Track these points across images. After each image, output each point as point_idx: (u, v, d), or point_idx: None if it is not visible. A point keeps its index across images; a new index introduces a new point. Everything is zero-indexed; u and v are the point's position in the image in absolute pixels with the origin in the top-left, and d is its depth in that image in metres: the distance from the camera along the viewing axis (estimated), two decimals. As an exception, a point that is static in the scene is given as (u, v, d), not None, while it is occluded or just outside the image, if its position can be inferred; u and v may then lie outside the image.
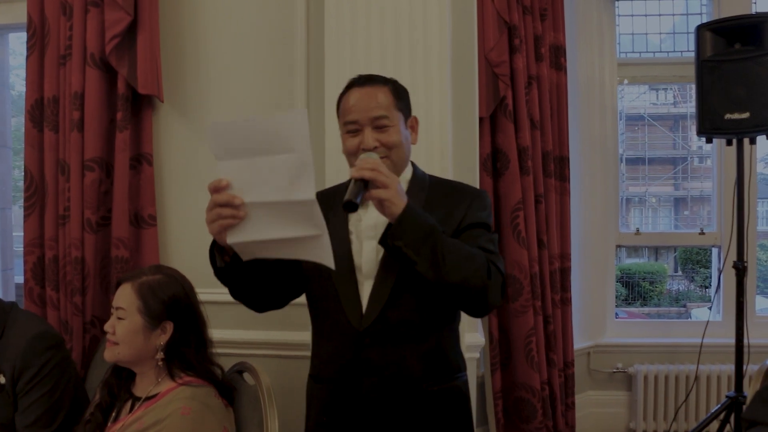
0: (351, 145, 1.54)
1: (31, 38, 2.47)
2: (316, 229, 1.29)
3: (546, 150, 2.93)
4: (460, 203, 1.58)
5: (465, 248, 1.43)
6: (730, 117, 2.70)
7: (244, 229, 1.33)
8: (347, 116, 1.55)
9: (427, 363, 1.53)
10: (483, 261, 1.43)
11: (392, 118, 1.54)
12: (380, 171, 1.36)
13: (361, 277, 1.53)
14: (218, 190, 1.33)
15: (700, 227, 3.48)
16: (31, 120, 2.48)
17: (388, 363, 1.50)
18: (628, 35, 3.65)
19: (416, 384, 1.52)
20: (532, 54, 2.89)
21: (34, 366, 1.81)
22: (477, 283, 1.40)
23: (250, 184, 1.30)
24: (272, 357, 2.28)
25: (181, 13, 2.54)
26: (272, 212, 1.30)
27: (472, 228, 1.55)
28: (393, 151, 1.53)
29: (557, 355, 2.95)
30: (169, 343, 1.65)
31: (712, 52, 2.75)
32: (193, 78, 2.54)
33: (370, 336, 1.50)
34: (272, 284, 1.58)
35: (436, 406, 1.54)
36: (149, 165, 2.47)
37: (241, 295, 1.58)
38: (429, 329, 1.54)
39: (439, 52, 2.18)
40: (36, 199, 2.48)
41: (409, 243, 1.36)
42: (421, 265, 1.37)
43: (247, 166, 1.29)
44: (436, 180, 1.67)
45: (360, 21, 2.17)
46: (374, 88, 1.56)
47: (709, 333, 3.07)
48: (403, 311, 1.51)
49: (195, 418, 1.54)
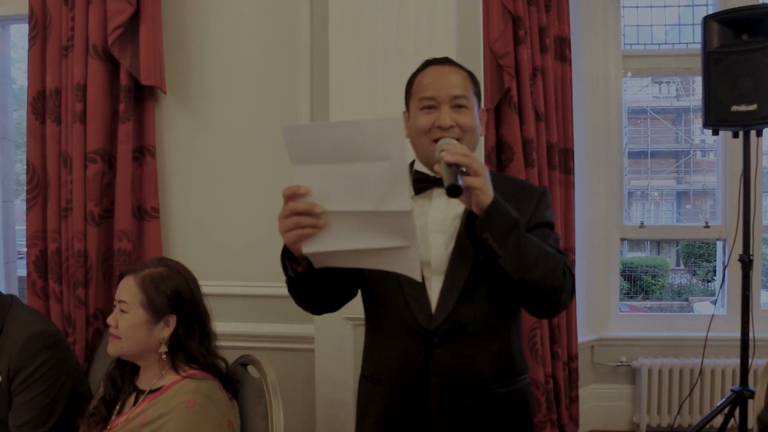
0: (425, 122, 1.45)
1: (33, 29, 2.45)
2: (406, 240, 1.21)
3: (551, 142, 2.92)
4: (528, 201, 1.52)
5: (544, 246, 1.37)
6: (737, 109, 2.68)
7: (323, 239, 1.24)
8: (424, 92, 1.47)
9: (496, 364, 1.48)
10: (560, 261, 1.38)
11: (470, 100, 1.47)
12: (473, 157, 1.28)
13: (429, 272, 1.46)
14: (296, 197, 1.22)
15: (703, 221, 3.47)
16: (34, 112, 2.47)
17: (458, 363, 1.44)
18: (633, 27, 3.63)
19: (485, 385, 1.46)
20: (536, 45, 2.86)
21: (29, 366, 1.80)
22: (554, 282, 1.35)
23: (333, 192, 1.21)
24: (277, 350, 2.28)
25: (184, 4, 2.52)
26: (357, 222, 1.22)
27: (540, 227, 1.49)
28: (467, 134, 1.45)
29: (561, 349, 2.94)
30: (173, 337, 1.63)
31: (719, 44, 2.73)
32: (196, 69, 2.52)
33: (440, 335, 1.44)
34: (336, 287, 1.50)
35: (503, 408, 1.49)
36: (152, 157, 2.46)
37: (306, 302, 1.50)
38: (499, 328, 1.49)
39: (443, 43, 2.16)
40: (38, 191, 2.47)
41: (496, 235, 1.28)
42: (505, 259, 1.30)
43: (330, 172, 1.20)
44: (497, 175, 1.57)
45: (364, 11, 2.16)
46: (453, 68, 1.50)
47: (714, 327, 3.06)
48: (474, 309, 1.45)
49: (199, 411, 1.52)
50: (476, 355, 1.45)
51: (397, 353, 1.48)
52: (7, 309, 1.91)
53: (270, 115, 2.50)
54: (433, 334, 1.43)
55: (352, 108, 2.14)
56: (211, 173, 2.52)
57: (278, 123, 2.48)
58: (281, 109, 2.48)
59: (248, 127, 2.51)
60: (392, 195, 1.17)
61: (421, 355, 1.44)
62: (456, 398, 1.44)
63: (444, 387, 1.43)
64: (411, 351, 1.45)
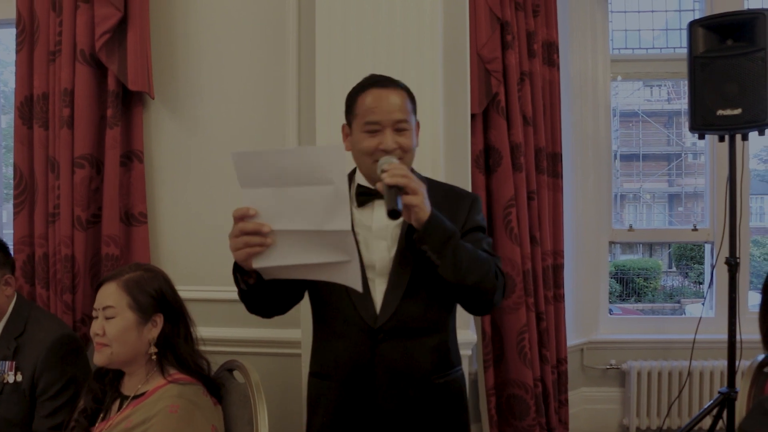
0: (368, 144, 1.55)
1: (21, 34, 2.45)
2: (347, 255, 1.34)
3: (539, 146, 2.93)
4: (460, 207, 1.64)
5: (478, 252, 1.51)
6: (723, 113, 2.70)
7: (271, 255, 1.37)
8: (368, 116, 1.56)
9: (435, 357, 1.60)
10: (492, 264, 1.52)
11: (410, 122, 1.58)
12: (411, 177, 1.41)
13: (373, 274, 1.58)
14: (245, 218, 1.35)
15: (693, 223, 3.48)
16: (21, 117, 2.47)
17: (401, 357, 1.56)
18: (621, 31, 3.65)
19: (426, 377, 1.58)
20: (524, 50, 2.87)
21: (55, 371, 1.86)
22: (488, 285, 1.50)
23: (279, 213, 1.34)
24: (262, 354, 2.28)
25: (172, 9, 2.52)
26: (302, 239, 1.34)
27: (472, 231, 1.62)
28: (407, 154, 1.57)
29: (550, 352, 2.94)
30: (161, 336, 1.64)
31: (705, 49, 2.75)
32: (184, 74, 2.52)
33: (384, 332, 1.55)
34: (285, 294, 1.62)
35: (441, 397, 1.61)
36: (140, 162, 2.46)
37: (257, 309, 1.62)
38: (438, 324, 1.62)
39: (431, 48, 2.16)
40: (26, 196, 2.47)
41: (434, 247, 1.42)
42: (443, 268, 1.44)
43: (276, 194, 1.33)
44: (432, 183, 1.69)
45: (351, 17, 2.16)
46: (393, 91, 1.59)
47: (702, 329, 3.07)
48: (416, 307, 1.57)
49: (183, 415, 1.53)
50: (417, 349, 1.58)
51: (344, 350, 1.59)
52: (29, 311, 1.98)
53: (258, 121, 2.50)
54: (378, 331, 1.55)
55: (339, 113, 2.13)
56: (199, 179, 2.52)
57: (267, 128, 2.48)
58: (269, 115, 2.48)
59: (236, 132, 2.52)
60: (334, 216, 1.30)
61: (367, 351, 1.56)
62: (400, 390, 1.56)
63: (389, 380, 1.56)
64: (358, 347, 1.57)
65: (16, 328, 1.95)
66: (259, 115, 2.50)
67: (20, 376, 1.87)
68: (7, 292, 1.97)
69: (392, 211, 1.35)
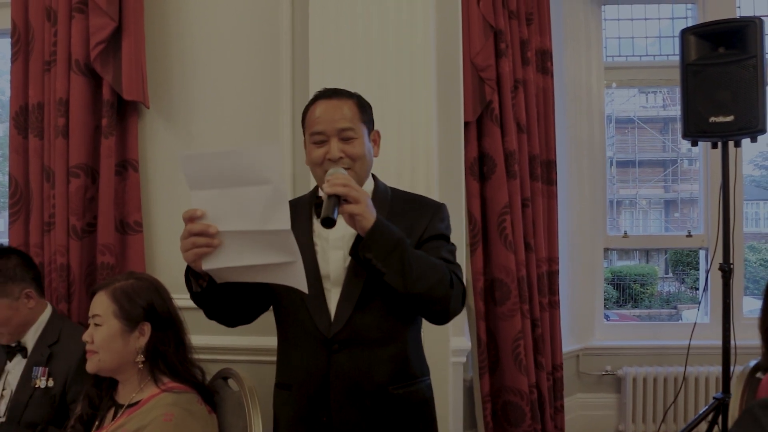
0: (316, 155, 1.58)
1: (16, 44, 2.46)
2: (291, 256, 1.35)
3: (533, 154, 2.94)
4: (421, 216, 1.63)
5: (429, 259, 1.50)
6: (715, 120, 2.72)
7: (219, 256, 1.38)
8: (314, 127, 1.59)
9: (392, 367, 1.59)
10: (446, 271, 1.51)
11: (357, 130, 1.59)
12: (352, 186, 1.42)
13: (329, 284, 1.58)
14: (193, 219, 1.37)
15: (688, 229, 3.50)
16: (16, 126, 2.47)
17: (356, 367, 1.55)
18: (614, 39, 3.67)
19: (382, 388, 1.57)
20: (518, 58, 2.89)
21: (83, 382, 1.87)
22: (440, 292, 1.48)
23: (225, 214, 1.35)
24: (257, 363, 2.27)
25: (167, 19, 2.53)
26: (247, 240, 1.35)
27: (433, 239, 1.61)
28: (357, 162, 1.58)
29: (546, 359, 2.95)
30: (149, 346, 1.65)
31: (697, 56, 2.77)
32: (179, 84, 2.53)
33: (339, 342, 1.54)
34: (243, 301, 1.62)
35: (401, 409, 1.59)
36: (135, 171, 2.46)
37: (215, 315, 1.62)
38: (394, 334, 1.60)
39: (424, 56, 2.18)
40: (21, 205, 2.47)
41: (379, 255, 1.42)
42: (389, 276, 1.43)
43: (221, 195, 1.34)
44: (397, 193, 1.72)
45: (344, 26, 2.17)
46: (340, 100, 1.60)
47: (697, 335, 3.08)
48: (370, 317, 1.56)
49: (177, 424, 1.53)
50: (373, 359, 1.56)
51: (301, 360, 1.59)
52: (62, 322, 2.10)
53: (253, 130, 2.51)
54: (333, 340, 1.54)
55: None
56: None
57: (261, 137, 2.49)
58: (264, 124, 2.49)
59: (231, 141, 2.52)
60: (273, 215, 1.30)
61: (323, 361, 1.55)
62: (355, 400, 1.55)
63: (344, 390, 1.54)
64: (314, 357, 1.57)
65: (51, 337, 2.04)
66: (254, 124, 2.51)
67: (51, 382, 1.95)
68: (30, 304, 2.06)
69: (325, 219, 1.35)
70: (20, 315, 2.03)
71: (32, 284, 2.08)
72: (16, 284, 2.03)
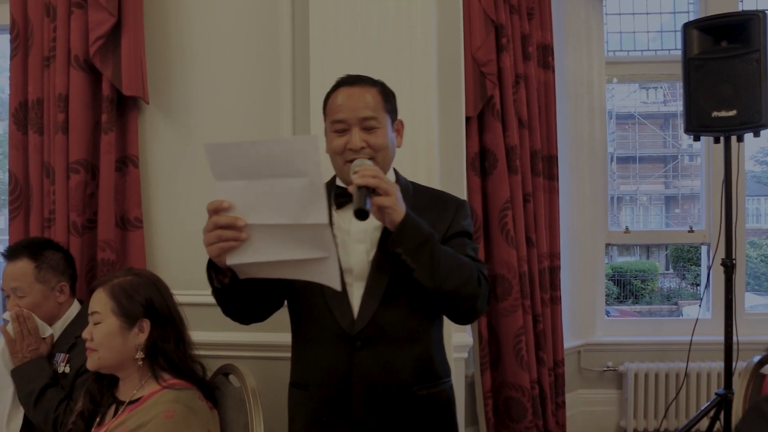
0: (338, 144, 1.51)
1: (15, 40, 2.45)
2: (325, 251, 1.29)
3: (534, 149, 2.93)
4: (445, 212, 1.58)
5: (458, 257, 1.44)
6: (717, 115, 2.71)
7: (246, 251, 1.31)
8: (335, 115, 1.52)
9: (417, 367, 1.52)
10: (474, 269, 1.45)
11: (380, 119, 1.52)
12: (382, 178, 1.36)
13: (351, 278, 1.51)
14: (219, 211, 1.30)
15: (689, 225, 3.49)
16: (16, 123, 2.46)
17: (380, 366, 1.49)
18: (616, 33, 3.66)
19: (407, 388, 1.51)
20: (519, 53, 2.88)
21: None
22: (469, 291, 1.43)
23: (254, 206, 1.28)
24: (258, 359, 2.27)
25: (166, 14, 2.52)
26: (277, 234, 1.29)
27: (457, 236, 1.56)
28: (379, 153, 1.52)
29: (547, 354, 2.94)
30: (149, 342, 1.64)
31: (699, 50, 2.76)
32: (179, 79, 2.52)
33: (362, 339, 1.48)
34: (262, 298, 1.56)
35: (425, 410, 1.53)
36: (135, 167, 2.45)
37: (233, 312, 1.57)
38: (419, 333, 1.54)
39: (425, 51, 2.16)
40: (21, 202, 2.46)
41: (408, 250, 1.37)
42: (419, 272, 1.38)
43: (251, 187, 1.27)
44: (418, 187, 1.66)
45: (345, 20, 2.16)
46: (363, 88, 1.54)
47: (699, 330, 3.08)
48: (395, 314, 1.49)
49: (179, 420, 1.52)
50: (397, 358, 1.50)
51: (322, 358, 1.52)
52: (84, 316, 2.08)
53: (253, 126, 2.49)
54: (356, 338, 1.48)
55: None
56: (195, 183, 2.52)
57: (261, 132, 2.48)
58: (264, 119, 2.48)
59: (231, 136, 2.51)
60: (310, 209, 1.24)
61: (345, 359, 1.49)
62: (378, 400, 1.49)
63: (366, 389, 1.48)
64: (335, 355, 1.50)
65: (78, 329, 2.03)
66: (254, 120, 2.50)
67: (69, 368, 1.97)
68: (60, 299, 2.09)
69: (359, 211, 1.30)
70: (49, 306, 2.06)
71: (69, 281, 2.13)
72: (55, 275, 2.08)
